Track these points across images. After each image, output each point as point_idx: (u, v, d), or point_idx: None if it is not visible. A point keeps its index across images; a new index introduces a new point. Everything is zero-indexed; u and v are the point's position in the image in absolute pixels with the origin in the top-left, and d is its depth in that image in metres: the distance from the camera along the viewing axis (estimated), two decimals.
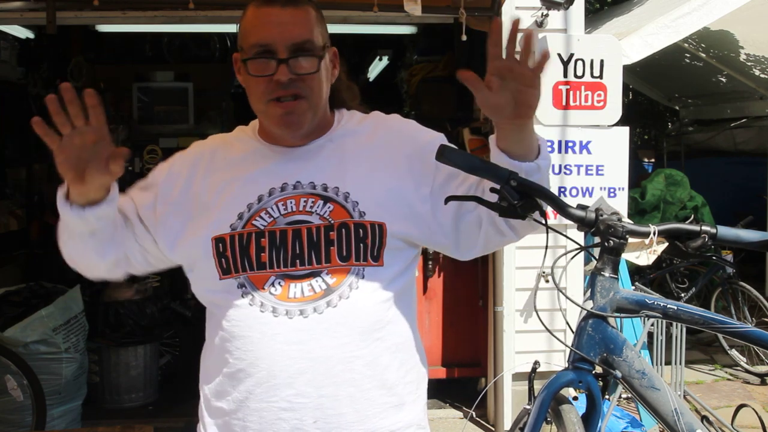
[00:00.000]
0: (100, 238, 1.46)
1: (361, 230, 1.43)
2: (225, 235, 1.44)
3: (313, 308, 1.40)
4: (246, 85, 1.48)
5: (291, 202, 1.45)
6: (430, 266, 4.59)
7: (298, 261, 1.42)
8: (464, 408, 4.52)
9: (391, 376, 1.47)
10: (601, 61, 4.11)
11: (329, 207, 1.44)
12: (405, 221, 1.46)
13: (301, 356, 1.40)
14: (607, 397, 1.70)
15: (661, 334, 4.23)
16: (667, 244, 1.66)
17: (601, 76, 4.12)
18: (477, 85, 1.33)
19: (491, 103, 1.34)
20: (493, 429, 4.27)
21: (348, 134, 1.53)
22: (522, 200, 1.39)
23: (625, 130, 4.21)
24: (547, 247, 1.51)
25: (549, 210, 1.50)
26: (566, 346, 1.66)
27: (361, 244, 1.43)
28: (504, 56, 1.32)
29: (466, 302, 4.64)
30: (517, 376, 4.21)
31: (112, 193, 1.41)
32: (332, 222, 1.43)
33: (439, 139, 1.52)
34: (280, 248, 1.43)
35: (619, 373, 1.62)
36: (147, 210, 1.51)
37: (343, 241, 1.43)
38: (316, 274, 1.42)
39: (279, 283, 1.42)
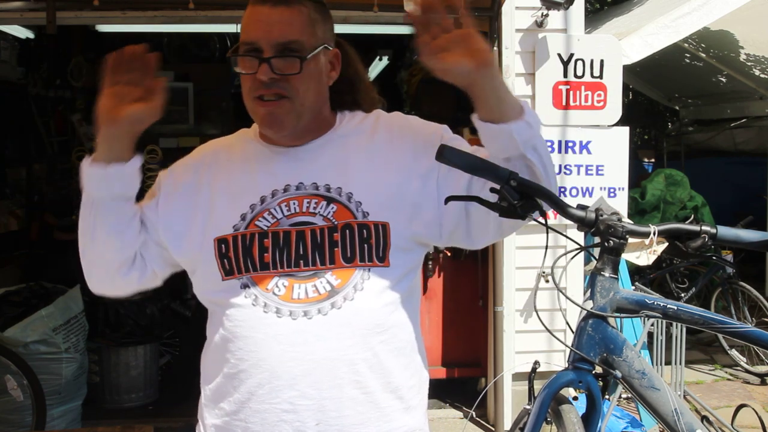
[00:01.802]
0: (120, 214, 1.47)
1: (365, 231, 1.42)
2: (227, 236, 1.43)
3: (318, 309, 1.39)
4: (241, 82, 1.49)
5: (294, 203, 1.44)
6: (430, 266, 4.59)
7: (302, 262, 1.41)
8: (464, 408, 4.52)
9: (395, 380, 1.46)
10: (601, 61, 4.11)
11: (332, 208, 1.44)
12: (411, 221, 1.45)
13: (305, 358, 1.39)
14: (607, 397, 1.70)
15: (661, 334, 4.23)
16: (667, 244, 1.66)
17: (601, 76, 4.12)
18: (428, 58, 1.30)
19: (449, 66, 1.30)
20: (493, 429, 4.27)
21: (350, 134, 1.52)
22: (522, 200, 1.39)
23: (625, 130, 4.21)
24: (547, 247, 1.51)
25: (549, 210, 1.50)
26: (566, 346, 1.66)
27: (366, 245, 1.42)
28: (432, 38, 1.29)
29: (466, 302, 4.64)
30: (517, 376, 4.21)
31: (135, 160, 1.44)
32: (335, 223, 1.42)
33: (443, 130, 1.52)
34: (284, 249, 1.42)
35: (619, 373, 1.62)
36: (151, 211, 1.52)
37: (347, 242, 1.42)
38: (320, 275, 1.41)
39: (283, 283, 1.41)
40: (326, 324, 1.39)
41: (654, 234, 1.61)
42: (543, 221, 1.46)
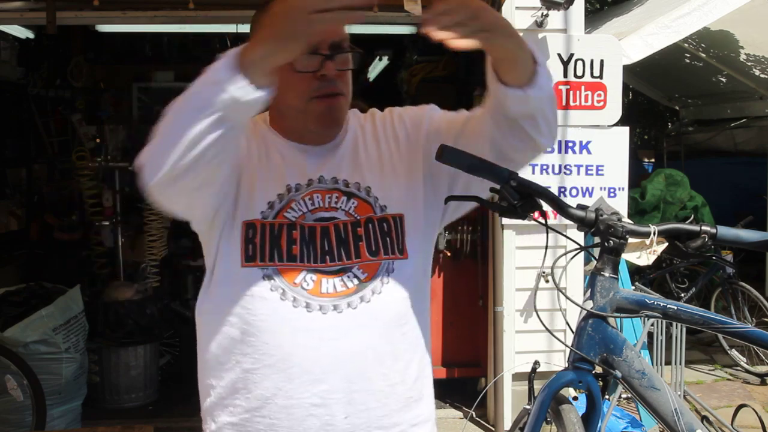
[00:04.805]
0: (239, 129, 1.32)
1: (385, 224, 1.47)
2: (256, 221, 1.43)
3: (347, 303, 1.41)
4: (282, 84, 1.35)
5: (317, 197, 1.47)
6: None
7: (328, 257, 1.43)
8: (464, 408, 4.52)
9: (412, 372, 1.50)
10: (601, 61, 4.11)
11: (353, 203, 1.47)
12: (422, 208, 1.51)
13: (336, 352, 1.40)
14: (607, 397, 1.70)
15: (661, 334, 4.23)
16: (667, 244, 1.66)
17: (601, 76, 4.12)
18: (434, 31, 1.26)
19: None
20: (493, 429, 4.27)
21: (357, 132, 1.56)
22: (522, 200, 1.39)
23: (625, 130, 4.21)
24: (547, 247, 1.52)
25: (549, 210, 1.50)
26: (566, 346, 1.66)
27: (387, 238, 1.46)
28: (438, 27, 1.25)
29: (466, 302, 4.64)
30: (517, 376, 4.21)
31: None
32: (358, 218, 1.46)
33: (430, 109, 1.58)
34: (310, 243, 1.43)
35: (619, 373, 1.62)
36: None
37: (371, 236, 1.45)
38: (347, 269, 1.43)
39: (311, 278, 1.41)
40: (356, 318, 1.41)
41: (654, 234, 1.61)
42: (543, 221, 1.47)
